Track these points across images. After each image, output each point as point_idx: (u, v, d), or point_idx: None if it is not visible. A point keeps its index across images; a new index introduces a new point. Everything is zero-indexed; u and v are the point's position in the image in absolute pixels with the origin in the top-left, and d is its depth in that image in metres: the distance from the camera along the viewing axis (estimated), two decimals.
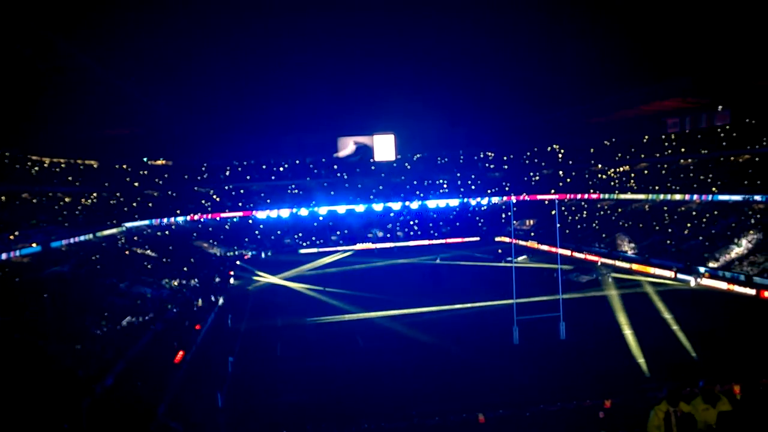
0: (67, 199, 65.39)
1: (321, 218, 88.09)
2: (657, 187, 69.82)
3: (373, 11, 39.30)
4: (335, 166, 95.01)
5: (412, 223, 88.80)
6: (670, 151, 73.82)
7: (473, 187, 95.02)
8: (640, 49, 46.12)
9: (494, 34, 44.20)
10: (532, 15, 40.23)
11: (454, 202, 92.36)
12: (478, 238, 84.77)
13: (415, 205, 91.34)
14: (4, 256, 40.43)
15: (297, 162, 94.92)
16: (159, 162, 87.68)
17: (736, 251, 49.78)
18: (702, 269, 48.48)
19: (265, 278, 59.15)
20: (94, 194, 73.01)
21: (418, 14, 40.49)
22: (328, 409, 23.76)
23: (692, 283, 46.04)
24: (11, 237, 43.76)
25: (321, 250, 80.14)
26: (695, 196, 62.39)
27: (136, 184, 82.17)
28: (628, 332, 32.68)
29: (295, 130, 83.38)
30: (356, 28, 42.08)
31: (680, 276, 48.01)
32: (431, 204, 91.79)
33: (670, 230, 60.66)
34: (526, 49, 47.78)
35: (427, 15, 40.40)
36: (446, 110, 74.64)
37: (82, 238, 54.95)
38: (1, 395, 22.75)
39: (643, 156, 78.15)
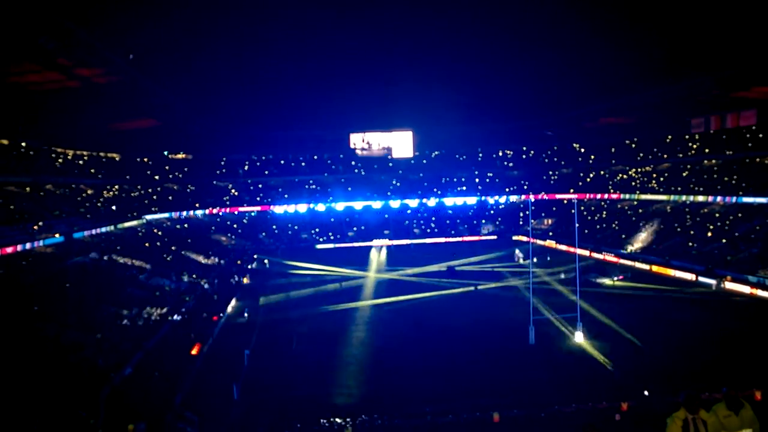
0: (89, 191, 66.41)
1: (338, 214, 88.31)
2: (679, 188, 68.68)
3: (393, 9, 39.21)
4: (353, 162, 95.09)
5: (429, 221, 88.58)
6: (693, 152, 72.56)
7: (491, 185, 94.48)
8: (664, 47, 45.35)
9: (516, 33, 43.81)
10: (552, 13, 39.78)
11: (471, 200, 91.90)
12: (495, 237, 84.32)
13: (432, 202, 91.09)
14: (28, 245, 41.18)
15: (315, 157, 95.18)
16: (179, 156, 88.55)
17: (758, 255, 48.77)
18: (725, 272, 47.56)
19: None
20: (116, 186, 74.04)
21: (438, 12, 40.27)
22: (341, 404, 23.84)
23: (714, 287, 45.23)
24: (35, 227, 44.56)
25: (338, 245, 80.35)
26: (719, 198, 61.22)
27: (157, 177, 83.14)
28: (644, 334, 32.24)
29: (314, 125, 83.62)
30: (376, 25, 42.03)
31: (702, 279, 47.19)
32: (449, 201, 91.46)
33: (692, 232, 59.67)
34: (549, 47, 47.22)
35: (448, 13, 40.15)
36: (465, 108, 74.20)
37: (103, 229, 55.79)
38: (22, 383, 23.22)
39: (665, 156, 76.92)
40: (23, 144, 55.53)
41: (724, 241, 53.78)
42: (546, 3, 37.80)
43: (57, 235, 46.11)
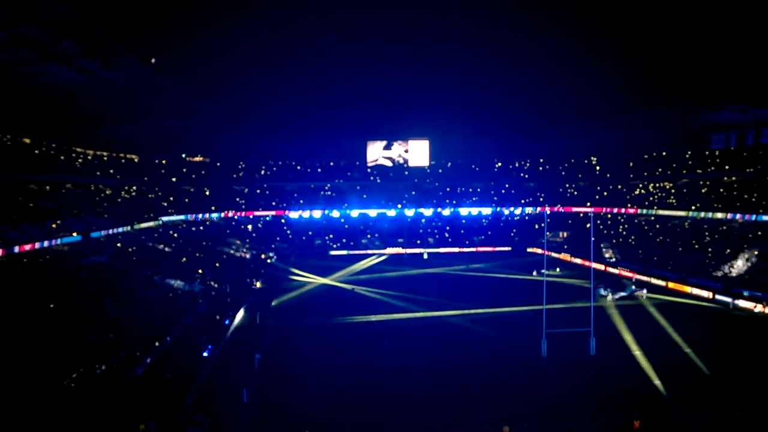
0: (108, 191, 67.27)
1: (353, 221, 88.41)
2: (698, 205, 67.79)
3: (412, 20, 39.30)
4: (369, 170, 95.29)
5: (444, 230, 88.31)
6: (713, 168, 71.62)
7: (507, 196, 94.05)
8: (686, 65, 44.93)
9: (536, 45, 43.65)
10: (572, 26, 39.60)
11: (486, 211, 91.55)
12: (509, 248, 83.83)
13: (447, 212, 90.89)
14: (46, 243, 41.77)
15: (331, 164, 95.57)
16: (197, 159, 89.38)
17: None
18: (742, 291, 46.72)
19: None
20: (134, 187, 74.91)
21: (457, 24, 40.27)
22: (351, 413, 23.73)
23: (731, 305, 44.47)
24: (54, 225, 45.20)
25: (351, 252, 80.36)
26: (738, 216, 60.32)
27: (174, 179, 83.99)
28: (657, 351, 31.80)
29: (330, 133, 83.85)
30: (396, 36, 42.12)
31: (718, 297, 46.42)
32: (463, 211, 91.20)
33: (709, 249, 58.78)
34: (569, 61, 46.97)
35: (467, 25, 40.15)
36: (482, 118, 73.99)
37: (120, 229, 56.41)
38: (39, 378, 23.49)
39: (684, 171, 76.02)
40: (45, 143, 56.45)
41: (742, 259, 52.86)
42: (564, 18, 37.63)
43: (75, 234, 46.72)
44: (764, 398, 24.45)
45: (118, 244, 53.63)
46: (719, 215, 62.95)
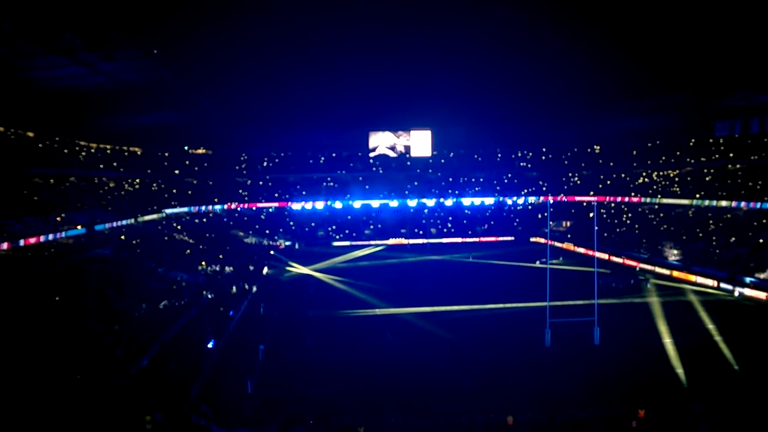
0: (111, 184, 67.43)
1: (355, 212, 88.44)
2: (702, 193, 67.54)
3: (414, 10, 39.00)
4: (371, 160, 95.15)
5: (446, 220, 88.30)
6: (717, 156, 71.26)
7: (509, 186, 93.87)
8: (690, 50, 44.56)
9: (537, 33, 43.28)
10: (574, 16, 39.26)
11: (489, 201, 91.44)
12: (512, 238, 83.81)
13: (449, 202, 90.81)
14: (51, 236, 41.95)
15: (333, 155, 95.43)
16: (200, 151, 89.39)
17: None
18: (747, 279, 46.67)
19: (298, 269, 59.86)
20: (137, 180, 75.04)
21: (460, 15, 39.94)
22: (354, 403, 23.85)
23: (736, 294, 44.42)
24: (58, 219, 45.35)
25: (354, 243, 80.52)
26: (743, 203, 60.09)
27: (177, 171, 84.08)
28: (664, 341, 31.85)
29: (333, 123, 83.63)
30: (397, 26, 41.80)
31: (723, 285, 46.38)
32: (466, 201, 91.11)
33: (714, 238, 58.64)
34: (570, 48, 46.58)
35: (470, 15, 39.83)
36: (484, 108, 73.64)
37: (124, 222, 56.60)
38: (43, 370, 23.66)
39: (688, 159, 75.68)
40: (48, 137, 56.50)
41: (746, 247, 52.73)
42: (567, 8, 37.27)
43: (79, 227, 46.88)
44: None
45: (122, 237, 53.81)
46: (723, 203, 62.74)
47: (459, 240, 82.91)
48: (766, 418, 21.43)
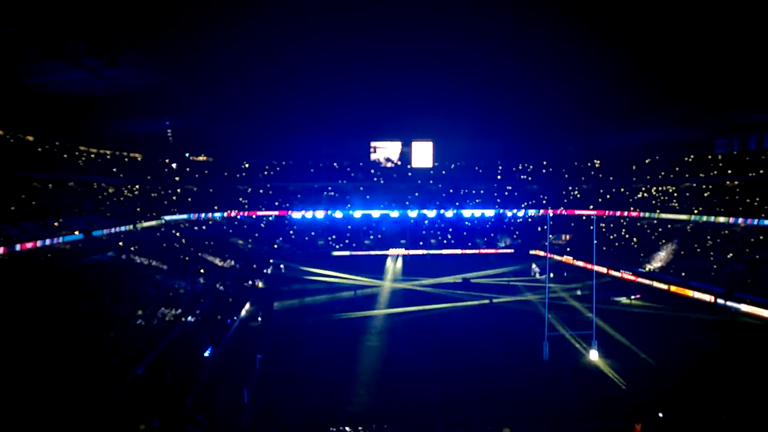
0: (110, 190, 67.37)
1: (356, 221, 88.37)
2: (700, 208, 67.66)
3: (416, 21, 39.28)
4: (372, 170, 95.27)
5: (447, 232, 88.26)
6: (716, 172, 71.45)
7: (510, 198, 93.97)
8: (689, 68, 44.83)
9: (540, 47, 43.58)
10: (578, 31, 39.56)
11: (489, 213, 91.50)
12: (512, 251, 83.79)
13: (450, 213, 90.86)
14: (48, 241, 41.83)
15: (335, 165, 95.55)
16: (200, 158, 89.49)
17: None
18: (744, 295, 46.57)
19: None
20: (137, 186, 75.00)
21: (462, 26, 40.22)
22: (351, 413, 23.71)
23: (732, 309, 44.33)
24: (56, 224, 45.28)
25: (354, 253, 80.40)
26: (740, 220, 60.20)
27: (177, 178, 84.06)
28: (656, 355, 31.73)
29: (334, 133, 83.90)
30: (399, 37, 42.09)
31: (720, 301, 46.30)
32: (466, 213, 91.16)
33: (711, 253, 58.64)
34: (572, 64, 46.90)
35: (472, 26, 40.11)
36: (486, 120, 73.95)
37: (122, 228, 56.47)
38: (38, 375, 23.50)
39: (687, 175, 75.87)
40: (48, 141, 56.54)
41: (743, 263, 52.71)
42: (570, 21, 37.57)
43: (77, 233, 46.78)
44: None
45: (120, 243, 53.69)
46: (721, 219, 62.84)
47: (459, 251, 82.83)
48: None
